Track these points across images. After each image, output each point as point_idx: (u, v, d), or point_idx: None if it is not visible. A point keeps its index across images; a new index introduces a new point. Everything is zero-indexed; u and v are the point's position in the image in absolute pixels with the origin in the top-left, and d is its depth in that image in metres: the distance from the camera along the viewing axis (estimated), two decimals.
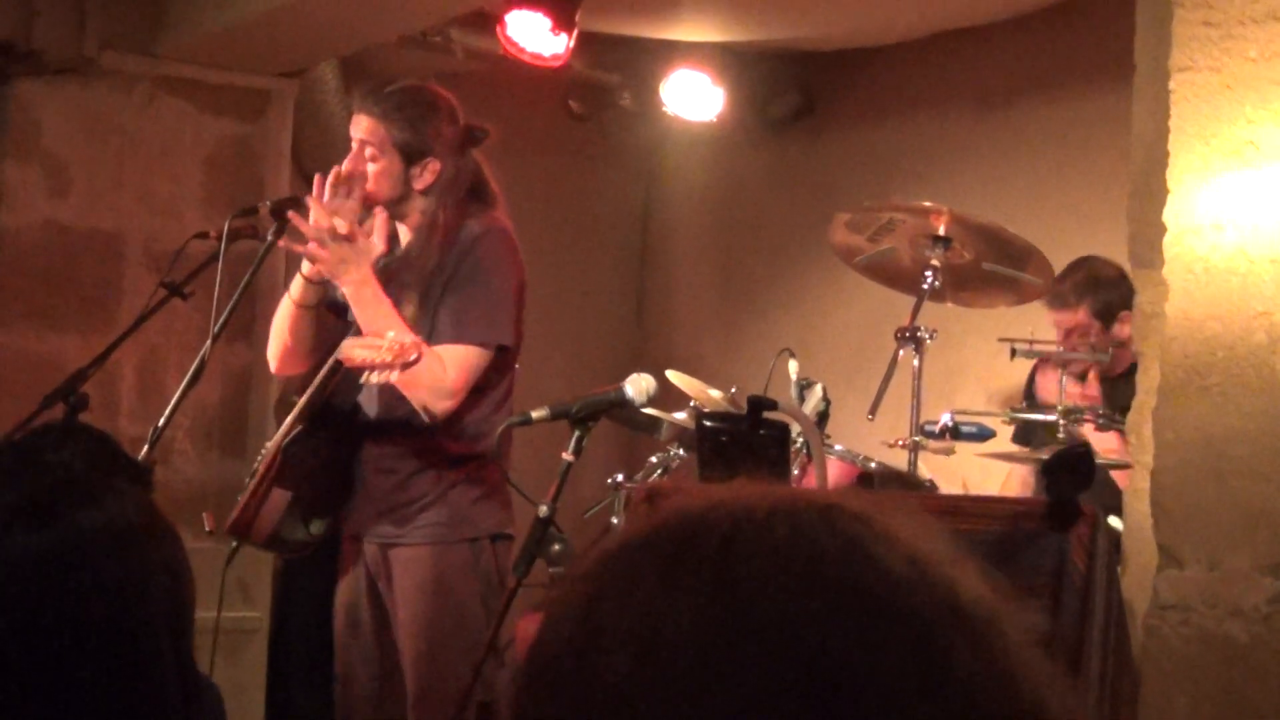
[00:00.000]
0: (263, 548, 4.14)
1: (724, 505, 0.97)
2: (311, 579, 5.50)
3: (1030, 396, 5.49)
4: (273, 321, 4.19)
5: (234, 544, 4.08)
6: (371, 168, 3.99)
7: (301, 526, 4.01)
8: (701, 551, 0.94)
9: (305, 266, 4.04)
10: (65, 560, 1.69)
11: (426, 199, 4.00)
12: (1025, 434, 5.05)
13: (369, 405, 4.05)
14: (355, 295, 3.91)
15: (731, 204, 7.71)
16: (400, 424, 3.97)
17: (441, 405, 3.88)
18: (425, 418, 3.90)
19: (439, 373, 3.82)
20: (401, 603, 3.99)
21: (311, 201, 3.93)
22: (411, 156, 3.98)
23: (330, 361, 3.84)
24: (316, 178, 3.98)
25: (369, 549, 4.05)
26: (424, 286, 3.97)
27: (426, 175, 3.99)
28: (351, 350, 3.71)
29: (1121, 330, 5.46)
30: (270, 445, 4.05)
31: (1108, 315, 5.33)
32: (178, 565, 1.80)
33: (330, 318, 4.14)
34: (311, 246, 3.89)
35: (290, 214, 3.95)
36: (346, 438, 4.05)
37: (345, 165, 4.00)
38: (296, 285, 4.08)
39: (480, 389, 3.94)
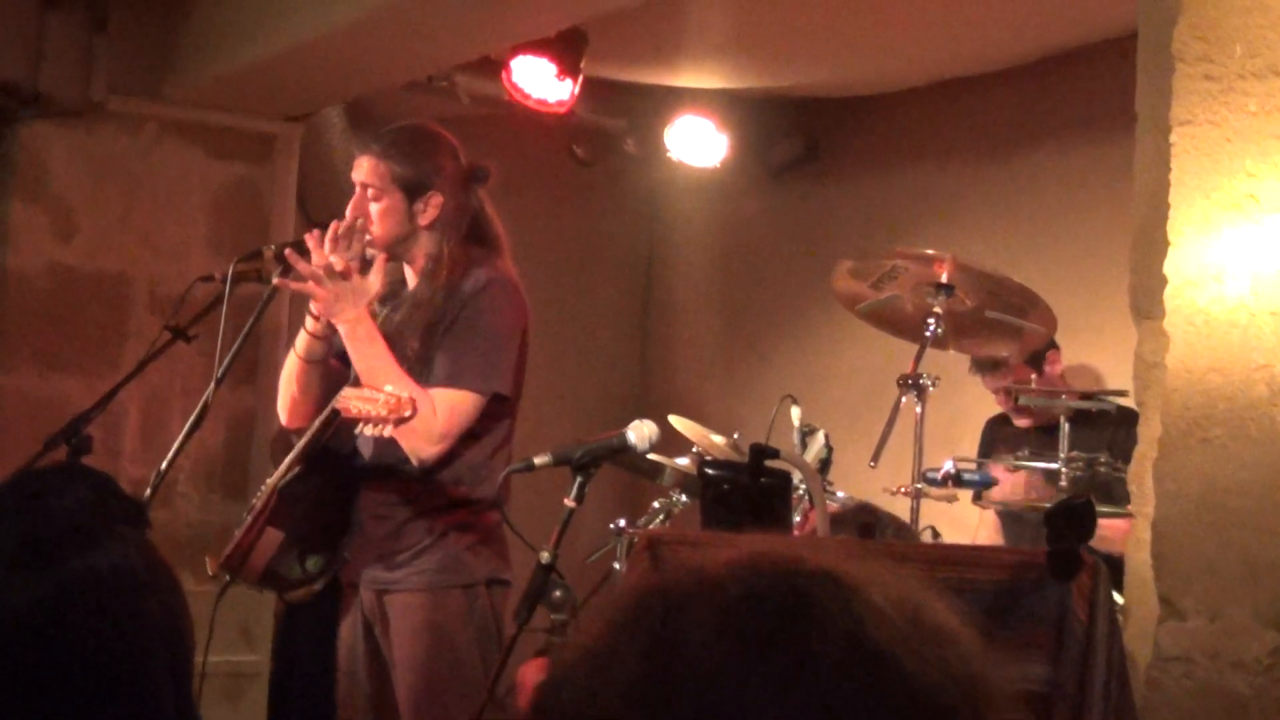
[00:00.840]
0: (258, 585, 4.12)
1: (693, 569, 1.00)
2: (313, 623, 5.49)
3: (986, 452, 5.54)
4: (280, 375, 4.20)
5: (226, 579, 4.07)
6: (375, 208, 4.00)
7: (297, 564, 4.01)
8: (653, 612, 0.98)
9: (309, 322, 4.06)
10: (66, 604, 1.69)
11: (431, 236, 4.01)
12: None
13: (366, 449, 4.05)
14: (350, 334, 3.93)
15: (735, 250, 7.73)
16: (395, 469, 3.97)
17: (429, 450, 3.88)
18: (414, 461, 3.90)
19: (429, 418, 3.83)
20: (397, 648, 3.99)
21: (310, 241, 3.95)
22: (413, 191, 4.00)
23: (327, 410, 3.85)
24: (314, 232, 3.99)
25: (365, 595, 4.05)
26: (426, 328, 3.98)
27: (430, 210, 4.00)
28: (348, 401, 3.73)
29: (1053, 370, 5.54)
30: (268, 484, 4.05)
31: (1037, 362, 5.43)
32: (178, 610, 1.80)
33: (337, 366, 4.15)
34: (308, 284, 3.91)
35: (287, 252, 3.96)
36: (343, 481, 4.05)
37: (348, 212, 4.01)
38: (301, 340, 4.09)
39: (476, 434, 3.94)
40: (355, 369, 3.96)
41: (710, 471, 2.82)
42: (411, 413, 3.64)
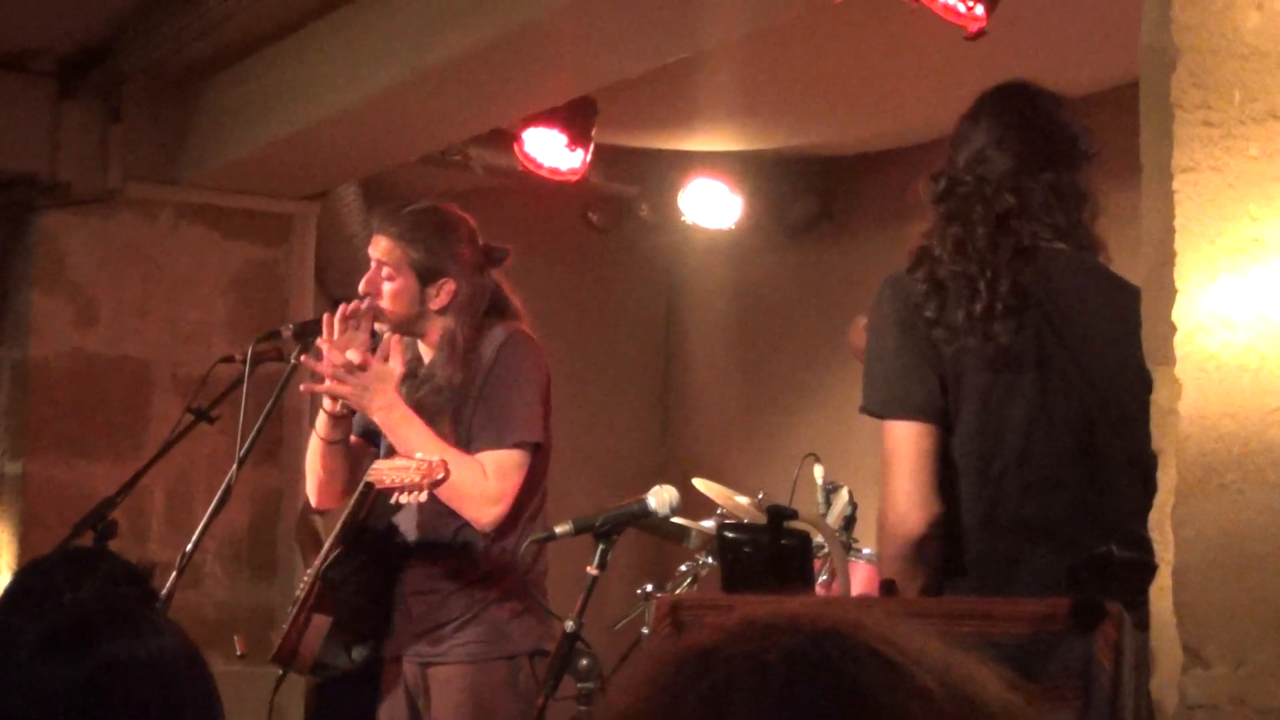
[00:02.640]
0: (308, 675, 4.14)
1: (734, 634, 1.00)
2: (345, 700, 5.48)
3: None
4: (306, 457, 4.22)
5: (280, 673, 4.06)
6: (388, 287, 4.02)
7: (344, 653, 4.01)
8: (698, 685, 0.97)
9: (326, 403, 4.07)
10: (103, 689, 1.70)
11: (444, 318, 4.03)
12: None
13: (406, 526, 4.05)
14: (385, 421, 3.93)
15: (753, 310, 7.74)
16: (436, 544, 3.97)
17: (490, 513, 3.87)
18: (479, 528, 3.89)
19: (480, 482, 3.83)
20: None
21: (323, 343, 3.96)
22: (427, 277, 4.02)
23: (361, 485, 3.85)
24: (325, 316, 4.02)
25: (409, 669, 4.04)
26: (454, 404, 3.99)
27: (442, 296, 4.02)
28: (380, 473, 3.74)
29: None
30: (310, 572, 4.05)
31: None
32: (209, 695, 1.81)
33: (359, 444, 4.16)
34: (330, 384, 3.92)
35: (304, 360, 3.99)
36: (384, 559, 4.04)
37: (361, 286, 4.04)
38: (321, 421, 4.10)
39: (526, 497, 3.94)
40: (399, 451, 3.96)
41: (729, 535, 2.82)
42: (444, 475, 3.64)
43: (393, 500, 3.75)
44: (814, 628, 0.99)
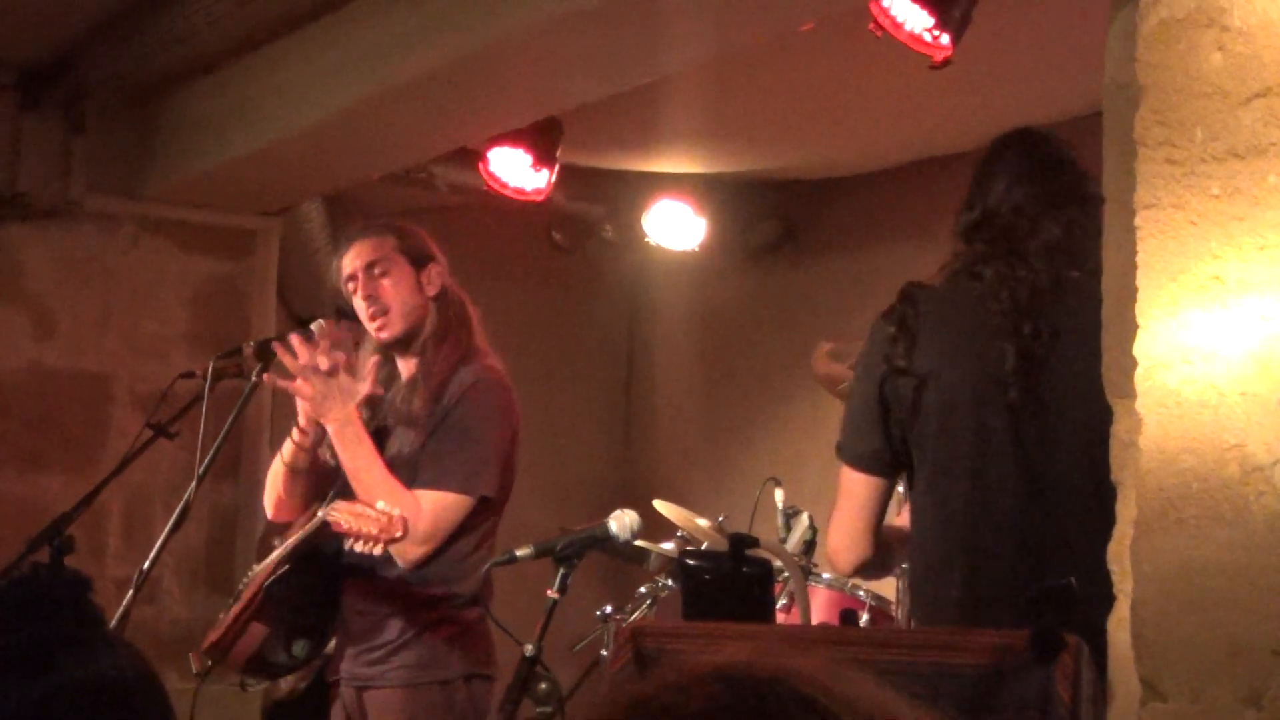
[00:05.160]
0: (243, 672, 4.10)
1: (666, 686, 1.01)
2: None
3: None
4: (268, 473, 4.23)
5: (208, 665, 4.04)
6: (386, 283, 4.04)
7: (283, 649, 4.00)
8: None
9: (295, 433, 4.08)
10: (57, 712, 1.68)
11: (435, 312, 4.04)
12: None
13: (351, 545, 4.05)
14: (338, 434, 3.94)
15: (715, 332, 7.75)
16: (377, 567, 3.97)
17: (415, 552, 3.88)
18: (400, 563, 3.90)
19: (414, 519, 3.82)
20: None
21: (295, 341, 3.97)
22: (418, 261, 4.07)
23: (318, 519, 3.84)
24: (295, 335, 4.02)
25: (346, 692, 4.04)
26: (416, 428, 3.99)
27: (435, 279, 4.06)
28: (339, 516, 3.73)
29: None
30: (255, 575, 4.04)
31: None
32: (165, 715, 1.80)
33: (325, 460, 4.15)
34: (297, 382, 3.93)
35: (276, 345, 3.99)
36: (330, 578, 4.05)
37: (362, 302, 4.04)
38: (287, 449, 4.12)
39: (459, 531, 3.94)
40: (343, 468, 3.97)
41: (690, 562, 2.82)
42: (403, 534, 3.65)
43: (346, 546, 3.77)
44: (744, 676, 1.00)
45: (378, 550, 3.68)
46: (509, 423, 4.03)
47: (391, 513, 3.66)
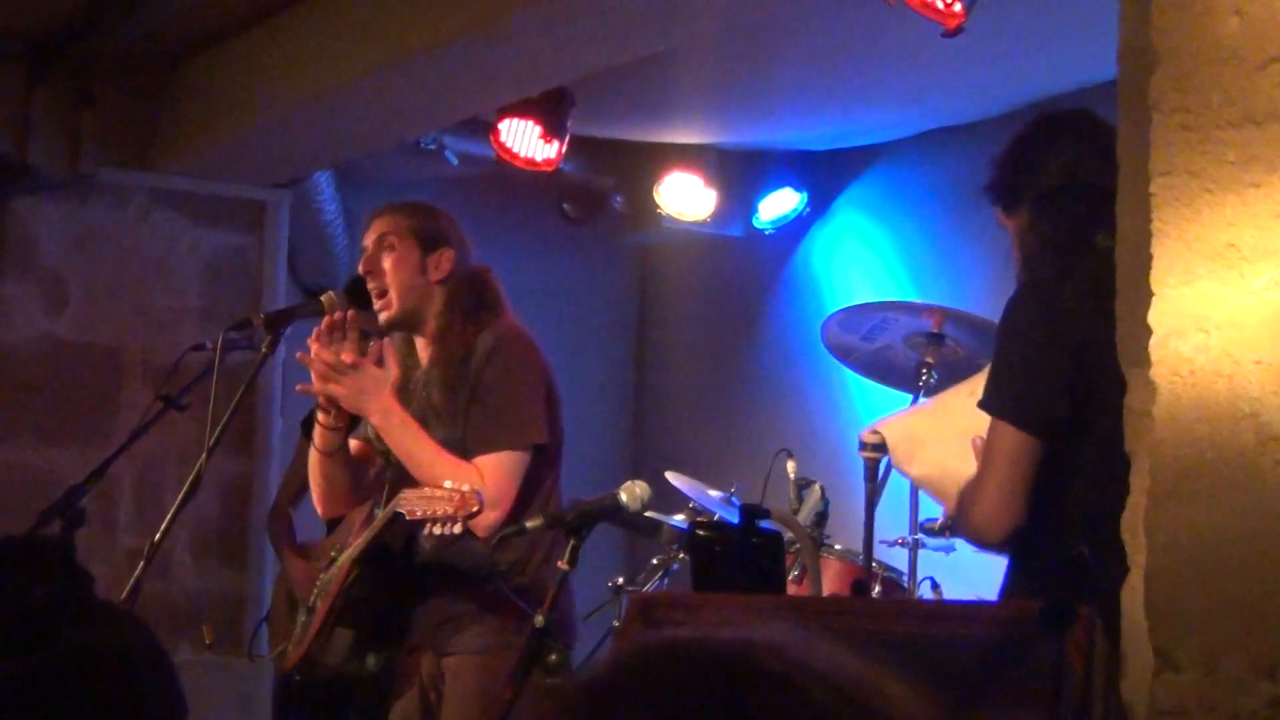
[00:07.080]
0: (323, 682, 4.13)
1: (634, 664, 0.99)
2: (315, 693, 5.46)
3: None
4: (308, 469, 4.22)
5: (296, 679, 4.06)
6: (389, 259, 4.04)
7: (359, 661, 4.01)
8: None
9: (320, 414, 4.07)
10: (58, 683, 1.67)
11: (441, 295, 4.02)
12: None
13: (423, 537, 4.03)
14: (383, 425, 3.93)
15: (727, 304, 7.73)
16: (452, 546, 3.95)
17: (489, 519, 3.84)
18: (479, 533, 3.86)
19: (478, 487, 3.81)
20: (448, 713, 3.98)
21: (311, 344, 3.96)
22: (428, 244, 4.05)
23: (387, 512, 3.82)
24: (313, 341, 4.01)
25: (425, 660, 4.04)
26: (450, 405, 3.97)
27: (443, 264, 4.04)
28: (411, 503, 3.70)
29: None
30: (329, 584, 4.02)
31: None
32: (171, 688, 1.79)
33: (366, 451, 4.15)
34: (328, 386, 3.91)
35: (300, 356, 3.99)
36: (405, 571, 4.03)
37: (360, 265, 4.04)
38: (317, 433, 4.10)
39: (528, 498, 3.93)
40: (396, 456, 3.96)
41: (700, 534, 2.80)
42: (478, 508, 3.62)
43: (425, 531, 3.73)
44: (708, 653, 0.98)
45: (458, 529, 3.65)
46: (538, 371, 4.03)
47: (461, 489, 3.64)
